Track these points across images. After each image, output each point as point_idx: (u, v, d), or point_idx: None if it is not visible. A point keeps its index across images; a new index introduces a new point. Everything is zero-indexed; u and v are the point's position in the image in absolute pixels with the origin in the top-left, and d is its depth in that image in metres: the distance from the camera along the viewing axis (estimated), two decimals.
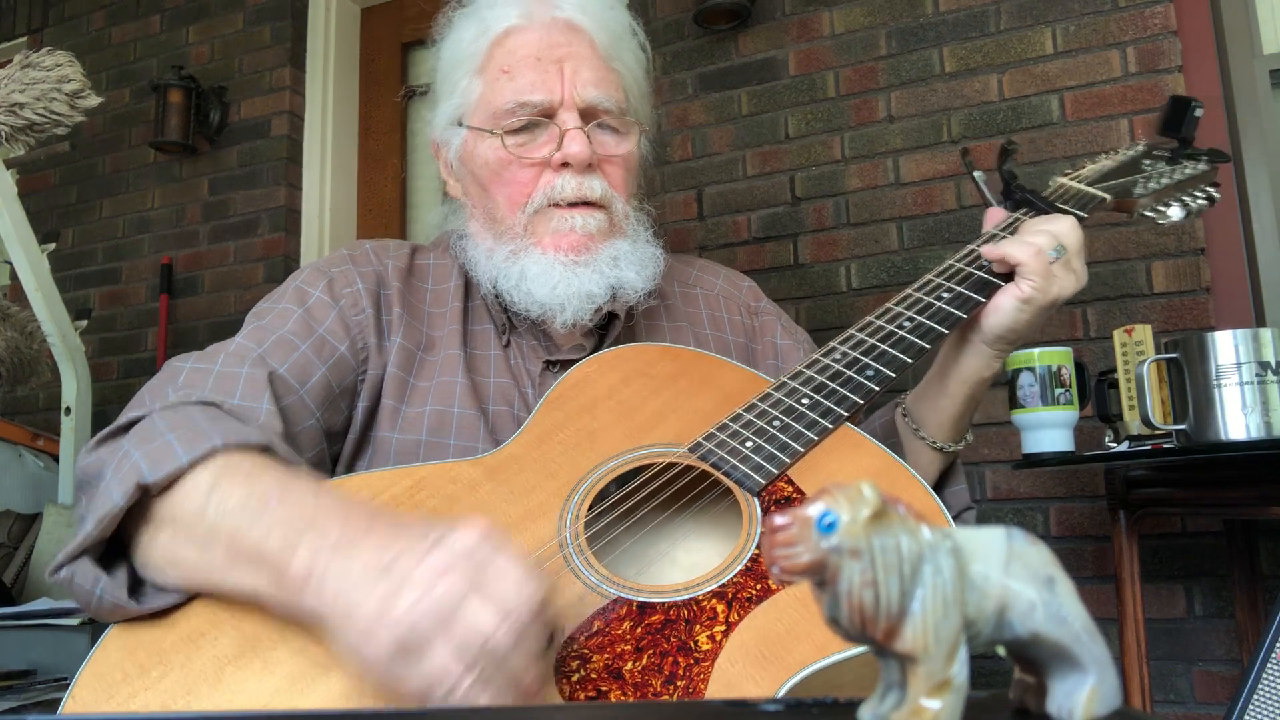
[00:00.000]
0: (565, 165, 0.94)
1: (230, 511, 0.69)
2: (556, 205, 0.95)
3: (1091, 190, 1.02)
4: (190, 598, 0.72)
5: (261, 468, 0.72)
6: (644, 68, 1.06)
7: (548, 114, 0.95)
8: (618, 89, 0.99)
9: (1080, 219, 0.94)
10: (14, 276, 2.32)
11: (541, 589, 0.60)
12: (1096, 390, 1.74)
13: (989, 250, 0.89)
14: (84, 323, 2.70)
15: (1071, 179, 1.06)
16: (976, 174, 1.08)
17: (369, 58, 3.06)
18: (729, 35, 2.43)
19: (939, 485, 0.98)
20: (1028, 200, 1.00)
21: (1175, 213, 1.03)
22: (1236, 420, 1.42)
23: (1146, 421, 1.52)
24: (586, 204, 0.95)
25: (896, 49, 2.27)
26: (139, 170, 3.04)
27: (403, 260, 1.01)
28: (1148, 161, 1.09)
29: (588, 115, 0.96)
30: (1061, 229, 0.89)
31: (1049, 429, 1.66)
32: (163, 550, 0.71)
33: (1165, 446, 1.54)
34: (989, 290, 0.88)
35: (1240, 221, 1.99)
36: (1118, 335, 1.69)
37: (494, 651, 0.57)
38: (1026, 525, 1.99)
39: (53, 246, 2.63)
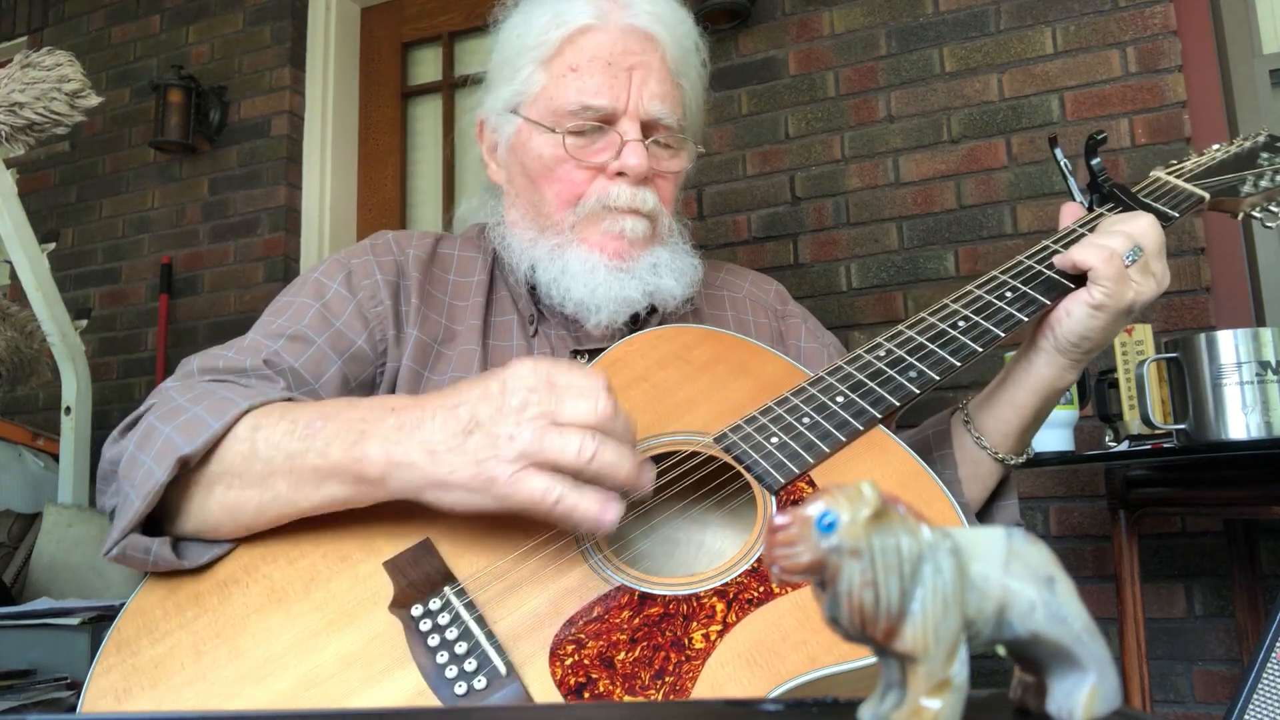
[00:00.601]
0: (620, 174, 0.94)
1: (279, 443, 0.72)
2: (609, 209, 0.95)
3: (1189, 187, 0.94)
4: (231, 546, 0.76)
5: (291, 406, 0.76)
6: (704, 84, 1.06)
7: (609, 120, 0.94)
8: (679, 105, 0.99)
9: (1170, 218, 0.88)
10: (14, 276, 2.32)
11: (609, 396, 0.66)
12: (1096, 390, 1.74)
13: (1059, 259, 0.84)
14: (84, 323, 2.70)
15: (1171, 172, 0.97)
16: (1064, 163, 0.99)
17: (369, 58, 3.06)
18: (729, 35, 2.44)
19: (990, 499, 0.94)
20: (1114, 195, 0.93)
21: None
22: (1237, 420, 1.42)
23: (1146, 421, 1.52)
24: (635, 213, 0.95)
25: (896, 49, 2.27)
26: (139, 170, 3.04)
27: (425, 250, 1.01)
28: (1266, 155, 0.99)
29: (648, 128, 0.95)
30: (1138, 228, 0.83)
31: (1049, 429, 1.66)
32: (219, 504, 0.74)
33: (1165, 446, 1.54)
34: (1057, 292, 0.82)
35: (1240, 222, 1.99)
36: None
37: (588, 462, 0.64)
38: (1026, 525, 1.99)
39: (53, 246, 2.63)
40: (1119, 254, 0.81)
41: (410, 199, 3.00)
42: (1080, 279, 0.83)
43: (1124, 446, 1.63)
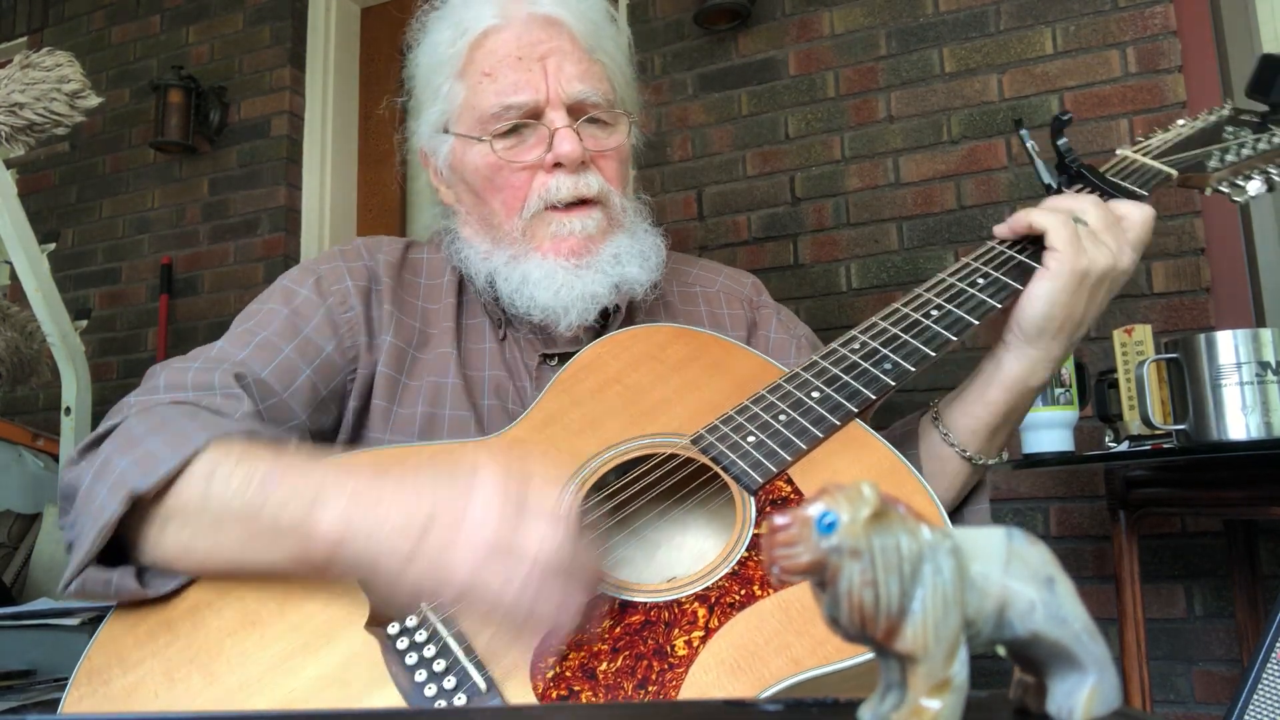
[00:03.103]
0: (558, 165, 0.92)
1: (234, 494, 0.69)
2: (553, 208, 0.93)
3: (1156, 165, 0.93)
4: None
5: (251, 450, 0.73)
6: (626, 54, 1.03)
7: (535, 114, 0.93)
8: (603, 80, 0.97)
9: (1140, 197, 0.87)
10: (14, 276, 2.31)
11: (569, 518, 0.62)
12: (1096, 390, 1.74)
13: (999, 229, 0.84)
14: (84, 323, 2.70)
15: (1138, 150, 0.96)
16: (1030, 145, 0.97)
17: (369, 58, 3.06)
18: (729, 35, 2.44)
19: (961, 502, 0.92)
20: (1082, 175, 0.92)
21: (1256, 187, 0.93)
22: (1236, 420, 1.42)
23: (1146, 421, 1.52)
24: (584, 203, 0.93)
25: (896, 49, 2.27)
26: (139, 170, 3.04)
27: (395, 255, 1.00)
28: (1230, 129, 0.98)
29: (575, 111, 0.93)
30: (1077, 205, 0.83)
31: (1049, 429, 1.66)
32: (173, 542, 0.72)
33: (1165, 446, 1.54)
34: (1029, 277, 0.81)
35: (1240, 221, 1.99)
36: (1118, 335, 1.69)
37: (546, 570, 0.60)
38: (1026, 525, 1.99)
39: (53, 246, 2.63)
40: (1068, 219, 0.81)
41: (410, 200, 3.00)
42: None
43: (1124, 447, 1.63)
